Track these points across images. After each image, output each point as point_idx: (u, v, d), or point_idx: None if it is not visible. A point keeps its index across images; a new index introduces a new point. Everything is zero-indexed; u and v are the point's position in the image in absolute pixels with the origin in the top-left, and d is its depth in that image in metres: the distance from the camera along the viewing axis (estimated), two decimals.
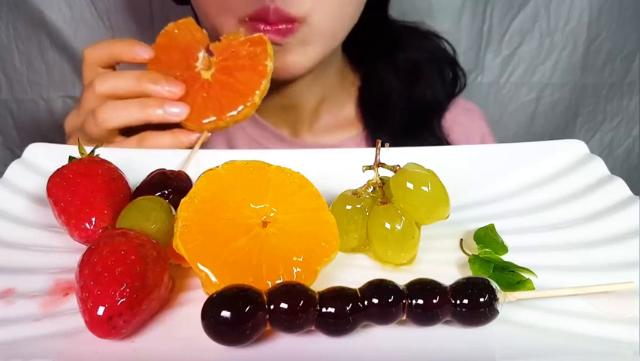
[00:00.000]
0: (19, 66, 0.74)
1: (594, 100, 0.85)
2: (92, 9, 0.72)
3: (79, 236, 0.32)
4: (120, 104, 0.43)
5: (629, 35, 0.80)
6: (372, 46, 0.63)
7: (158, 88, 0.43)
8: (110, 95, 0.44)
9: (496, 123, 0.84)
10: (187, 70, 0.46)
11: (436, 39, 0.67)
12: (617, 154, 0.90)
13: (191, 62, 0.46)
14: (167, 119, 0.43)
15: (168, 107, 0.43)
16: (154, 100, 0.43)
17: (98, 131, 0.43)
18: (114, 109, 0.43)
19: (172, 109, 0.43)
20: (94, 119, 0.43)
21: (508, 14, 0.78)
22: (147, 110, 0.43)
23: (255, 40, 0.45)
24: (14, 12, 0.71)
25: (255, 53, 0.45)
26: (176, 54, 0.46)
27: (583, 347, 0.26)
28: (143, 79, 0.44)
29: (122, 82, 0.44)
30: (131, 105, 0.43)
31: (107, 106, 0.43)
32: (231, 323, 0.25)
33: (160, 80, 0.44)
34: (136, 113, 0.43)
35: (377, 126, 0.62)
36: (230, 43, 0.46)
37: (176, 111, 0.43)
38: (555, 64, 0.82)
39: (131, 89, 0.44)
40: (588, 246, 0.33)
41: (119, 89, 0.44)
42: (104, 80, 0.44)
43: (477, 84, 0.82)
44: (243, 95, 0.44)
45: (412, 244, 0.32)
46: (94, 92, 0.44)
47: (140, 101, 0.43)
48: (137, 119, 0.43)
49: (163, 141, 0.44)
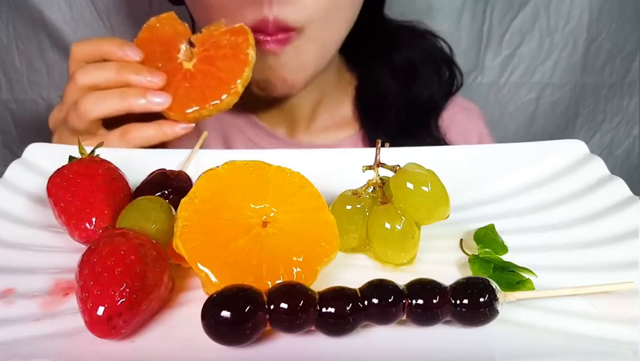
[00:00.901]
0: (19, 66, 0.74)
1: (594, 100, 0.85)
2: (92, 9, 0.72)
3: (79, 236, 0.32)
4: (101, 95, 0.43)
5: (629, 35, 0.80)
6: (369, 45, 0.63)
7: (139, 78, 0.43)
8: (92, 86, 0.44)
9: (496, 123, 0.84)
10: (169, 61, 0.46)
11: (433, 38, 0.67)
12: (617, 154, 0.90)
13: (173, 53, 0.46)
14: (149, 108, 0.43)
15: (150, 97, 0.43)
16: (135, 90, 0.43)
17: (81, 123, 0.43)
18: (95, 100, 0.43)
19: (154, 98, 0.43)
20: (76, 111, 0.43)
21: (508, 14, 0.78)
22: (129, 99, 0.43)
23: (236, 30, 0.46)
24: (14, 12, 0.71)
25: (237, 42, 0.45)
26: (157, 47, 0.47)
27: (583, 347, 0.26)
28: (125, 70, 0.44)
29: (103, 73, 0.44)
30: (113, 95, 0.43)
31: (89, 97, 0.43)
32: (231, 323, 0.25)
33: (141, 71, 0.44)
34: (117, 103, 0.43)
35: (374, 126, 0.62)
36: (211, 34, 0.46)
37: (158, 101, 0.43)
38: (555, 64, 0.82)
39: (113, 80, 0.43)
40: (588, 246, 0.33)
41: (100, 80, 0.44)
42: (86, 72, 0.44)
43: (477, 84, 0.82)
44: (226, 84, 0.44)
45: (412, 244, 0.32)
46: (75, 84, 0.44)
47: (122, 91, 0.43)
48: (119, 110, 0.43)
49: (147, 133, 0.44)
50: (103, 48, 0.45)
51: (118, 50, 0.45)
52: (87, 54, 0.45)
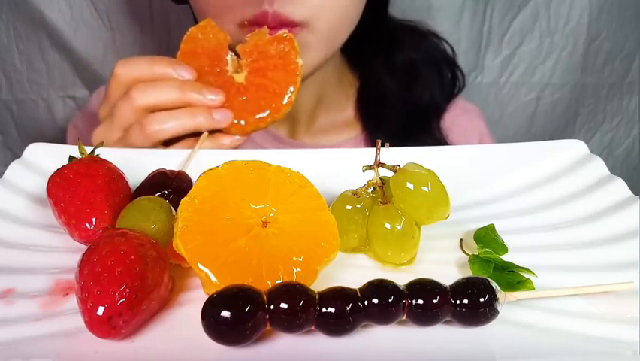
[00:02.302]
0: (19, 66, 0.74)
1: (594, 100, 0.85)
2: (92, 9, 0.72)
3: (79, 236, 0.32)
4: (169, 115, 0.43)
5: (629, 35, 0.80)
6: (371, 45, 0.63)
7: (201, 97, 0.44)
8: (153, 107, 0.43)
9: (496, 123, 0.84)
10: (219, 76, 0.46)
11: (436, 39, 0.66)
12: (617, 154, 0.90)
13: (221, 66, 0.46)
14: (214, 126, 0.44)
15: (216, 115, 0.44)
16: (201, 109, 0.44)
17: (147, 143, 0.43)
18: (163, 120, 0.42)
19: (219, 116, 0.44)
20: (142, 132, 0.42)
21: (508, 14, 0.78)
22: (197, 119, 0.43)
23: (281, 38, 0.46)
24: (14, 12, 0.71)
25: (285, 52, 0.46)
26: (204, 60, 0.46)
27: (583, 347, 0.26)
28: (186, 89, 0.43)
29: (164, 93, 0.43)
30: (181, 115, 0.43)
31: (156, 117, 0.42)
32: (231, 323, 0.25)
33: (201, 89, 0.44)
34: (187, 123, 0.43)
35: (376, 128, 0.62)
36: (256, 43, 0.46)
37: (223, 118, 0.44)
38: (555, 64, 0.82)
39: (175, 100, 0.43)
40: (588, 246, 0.33)
41: (162, 100, 0.43)
42: (144, 92, 0.43)
43: (477, 84, 0.82)
44: (280, 95, 0.45)
45: (412, 244, 0.32)
46: (132, 105, 0.43)
47: (189, 111, 0.43)
48: (187, 129, 0.43)
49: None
50: (154, 70, 0.44)
51: (171, 72, 0.44)
52: (137, 76, 0.44)
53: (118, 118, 0.44)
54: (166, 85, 0.43)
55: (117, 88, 0.45)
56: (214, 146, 0.45)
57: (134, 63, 0.45)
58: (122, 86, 0.44)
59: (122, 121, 0.44)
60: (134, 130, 0.43)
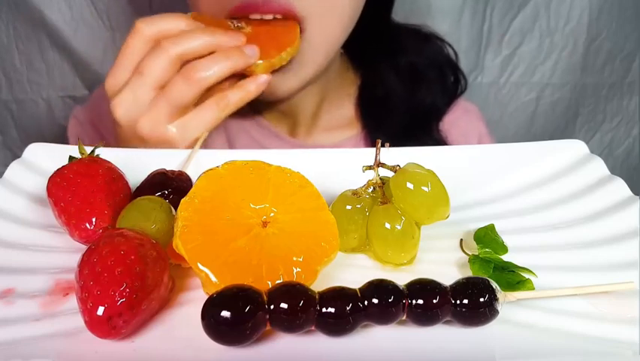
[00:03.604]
0: (19, 66, 0.74)
1: (594, 100, 0.86)
2: (92, 9, 0.72)
3: (79, 236, 0.32)
4: (210, 60, 0.43)
5: (629, 35, 0.81)
6: (374, 47, 0.63)
7: (228, 39, 0.45)
8: (187, 56, 0.43)
9: (496, 123, 0.84)
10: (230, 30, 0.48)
11: (439, 42, 0.67)
12: (617, 154, 0.90)
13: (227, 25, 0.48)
14: (248, 62, 0.45)
15: (247, 51, 0.45)
16: (233, 49, 0.45)
17: (192, 92, 0.43)
18: (206, 66, 0.43)
19: (250, 52, 0.45)
20: (186, 81, 0.42)
21: (508, 14, 0.78)
22: (232, 59, 0.44)
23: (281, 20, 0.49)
24: (14, 12, 0.71)
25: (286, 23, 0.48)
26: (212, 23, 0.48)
27: (583, 347, 0.26)
28: (215, 33, 0.44)
29: (196, 40, 0.44)
30: (219, 59, 0.44)
31: (199, 64, 0.43)
32: (231, 323, 0.25)
33: (227, 33, 0.45)
34: (226, 65, 0.44)
35: (376, 127, 0.62)
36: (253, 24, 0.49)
37: (253, 53, 0.45)
38: (555, 64, 0.82)
39: (207, 46, 0.44)
40: (588, 246, 0.33)
41: (194, 48, 0.43)
42: (177, 43, 0.43)
43: (477, 84, 0.82)
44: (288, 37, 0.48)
45: (412, 244, 0.32)
46: (167, 55, 0.42)
47: (224, 54, 0.44)
48: (227, 72, 0.44)
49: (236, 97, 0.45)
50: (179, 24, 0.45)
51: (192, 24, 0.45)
52: (164, 30, 0.44)
53: (151, 74, 0.43)
54: (195, 33, 0.44)
55: (141, 44, 0.44)
56: (242, 95, 0.46)
57: (157, 19, 0.45)
58: (147, 41, 0.44)
59: (156, 76, 0.43)
60: (176, 83, 0.43)
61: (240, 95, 0.46)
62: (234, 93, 0.45)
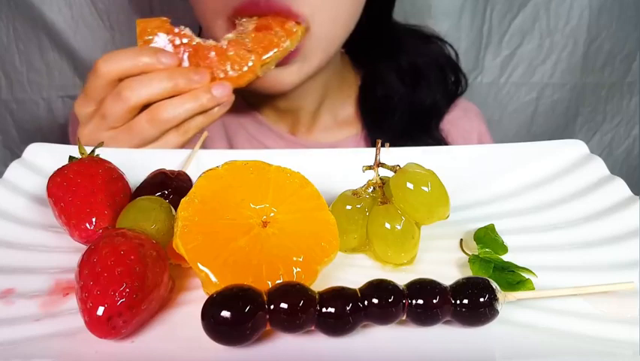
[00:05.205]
0: (19, 66, 0.74)
1: (594, 100, 0.86)
2: (92, 9, 0.72)
3: (79, 236, 0.32)
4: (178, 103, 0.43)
5: (629, 35, 0.81)
6: (375, 47, 0.63)
7: (190, 83, 0.44)
8: (147, 103, 0.43)
9: (496, 123, 0.84)
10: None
11: (440, 43, 0.67)
12: (617, 154, 0.90)
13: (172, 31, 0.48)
14: (217, 102, 0.45)
15: (215, 91, 0.44)
16: (201, 90, 0.44)
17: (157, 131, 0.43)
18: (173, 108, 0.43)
19: (218, 92, 0.45)
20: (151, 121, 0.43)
21: (508, 14, 0.78)
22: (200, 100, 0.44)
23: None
24: (14, 12, 0.71)
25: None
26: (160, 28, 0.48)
27: (583, 347, 0.26)
28: (175, 76, 0.44)
29: (156, 86, 0.43)
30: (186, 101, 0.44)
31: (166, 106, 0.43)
32: (231, 323, 0.25)
33: (189, 74, 0.44)
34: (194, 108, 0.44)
35: (376, 127, 0.62)
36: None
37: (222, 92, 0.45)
38: (555, 64, 0.82)
39: (168, 91, 0.44)
40: (588, 246, 0.33)
41: (154, 94, 0.43)
42: (136, 90, 0.43)
43: (477, 84, 0.82)
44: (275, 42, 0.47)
45: (412, 244, 0.32)
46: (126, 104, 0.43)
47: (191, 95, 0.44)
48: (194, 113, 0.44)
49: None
50: (139, 63, 0.44)
51: (155, 61, 0.44)
52: (122, 71, 0.44)
53: (111, 117, 0.44)
54: (155, 78, 0.43)
55: (101, 86, 0.44)
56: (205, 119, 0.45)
57: (116, 58, 0.44)
58: (107, 83, 0.44)
59: (115, 120, 0.44)
60: (139, 122, 0.43)
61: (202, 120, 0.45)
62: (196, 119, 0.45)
